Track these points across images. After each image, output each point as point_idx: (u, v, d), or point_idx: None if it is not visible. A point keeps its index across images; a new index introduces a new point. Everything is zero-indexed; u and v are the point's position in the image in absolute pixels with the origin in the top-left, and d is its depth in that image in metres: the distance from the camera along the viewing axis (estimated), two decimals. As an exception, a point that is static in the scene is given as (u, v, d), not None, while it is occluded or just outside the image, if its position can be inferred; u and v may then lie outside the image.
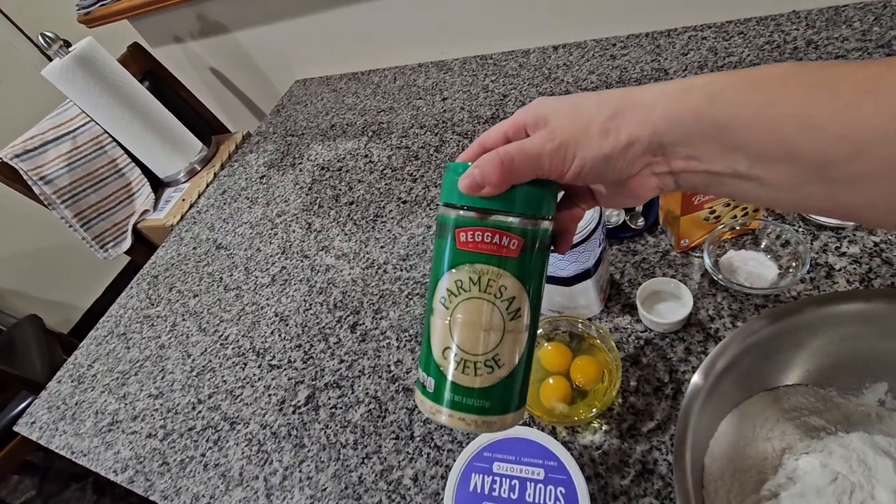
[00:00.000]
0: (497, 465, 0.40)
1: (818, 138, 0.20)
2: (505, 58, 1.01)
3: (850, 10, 0.74)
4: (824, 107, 0.20)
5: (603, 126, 0.25)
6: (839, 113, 0.20)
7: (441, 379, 0.28)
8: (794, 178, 0.22)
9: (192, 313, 0.81)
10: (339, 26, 1.14)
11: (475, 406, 0.27)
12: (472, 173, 0.25)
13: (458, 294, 0.27)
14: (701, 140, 0.23)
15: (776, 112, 0.21)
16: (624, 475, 0.44)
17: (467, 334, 0.27)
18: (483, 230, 0.26)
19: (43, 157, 1.10)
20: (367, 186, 0.88)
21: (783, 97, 0.21)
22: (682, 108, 0.23)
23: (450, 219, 0.28)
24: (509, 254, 0.27)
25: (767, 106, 0.21)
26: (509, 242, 0.27)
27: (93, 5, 1.22)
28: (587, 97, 0.26)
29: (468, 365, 0.27)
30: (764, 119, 0.21)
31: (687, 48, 0.81)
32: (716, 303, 0.51)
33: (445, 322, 0.28)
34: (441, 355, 0.28)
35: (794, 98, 0.21)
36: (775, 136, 0.21)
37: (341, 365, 0.63)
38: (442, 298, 0.28)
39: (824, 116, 0.20)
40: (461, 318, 0.27)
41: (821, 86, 0.21)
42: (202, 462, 0.60)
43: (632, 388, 0.49)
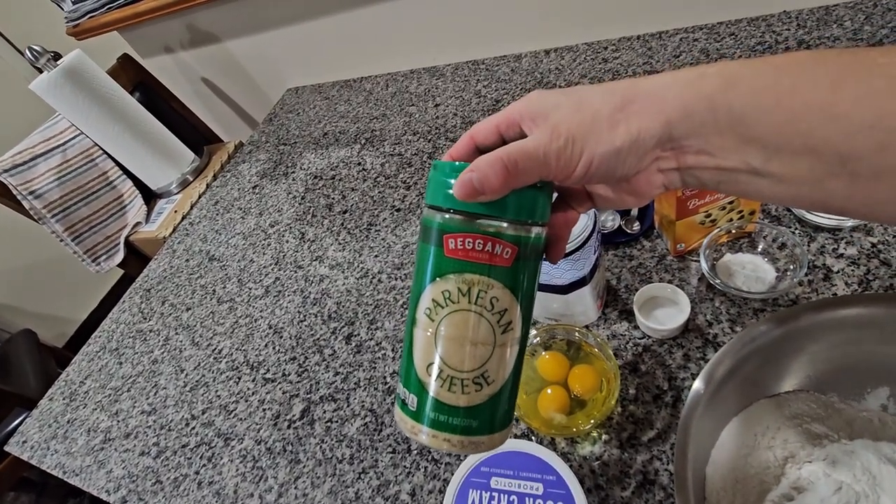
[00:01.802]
0: (495, 481, 0.39)
1: (843, 129, 0.18)
2: (497, 62, 1.01)
3: (841, 10, 0.73)
4: (850, 94, 0.18)
5: (611, 118, 0.22)
6: (866, 101, 0.18)
7: (423, 396, 0.25)
8: (814, 173, 0.20)
9: (184, 327, 0.79)
10: (331, 34, 1.14)
11: (460, 426, 0.25)
12: (470, 178, 0.23)
13: (444, 305, 0.25)
14: (715, 131, 0.21)
15: (797, 101, 0.19)
16: (625, 486, 0.43)
17: (453, 349, 0.25)
18: (474, 237, 0.24)
19: (32, 171, 1.09)
20: (360, 195, 0.87)
21: (805, 84, 0.19)
22: (695, 95, 0.21)
23: (436, 223, 0.25)
24: (502, 263, 0.25)
25: (788, 94, 0.19)
26: (502, 251, 0.25)
27: (81, 18, 1.21)
28: (590, 89, 0.24)
29: (454, 382, 0.25)
30: (784, 108, 0.20)
31: (679, 50, 0.81)
32: (714, 307, 0.51)
33: (429, 335, 0.25)
34: (424, 370, 0.26)
35: (817, 85, 0.19)
36: (796, 127, 0.19)
37: (336, 377, 0.62)
38: (426, 310, 0.26)
39: (850, 105, 0.18)
40: (447, 332, 0.25)
41: (846, 72, 0.19)
42: (196, 480, 0.59)
43: (631, 397, 0.48)
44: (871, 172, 0.19)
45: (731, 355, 0.37)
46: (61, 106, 1.04)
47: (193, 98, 1.49)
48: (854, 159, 0.19)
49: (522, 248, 0.25)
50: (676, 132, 0.22)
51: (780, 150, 0.20)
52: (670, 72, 0.23)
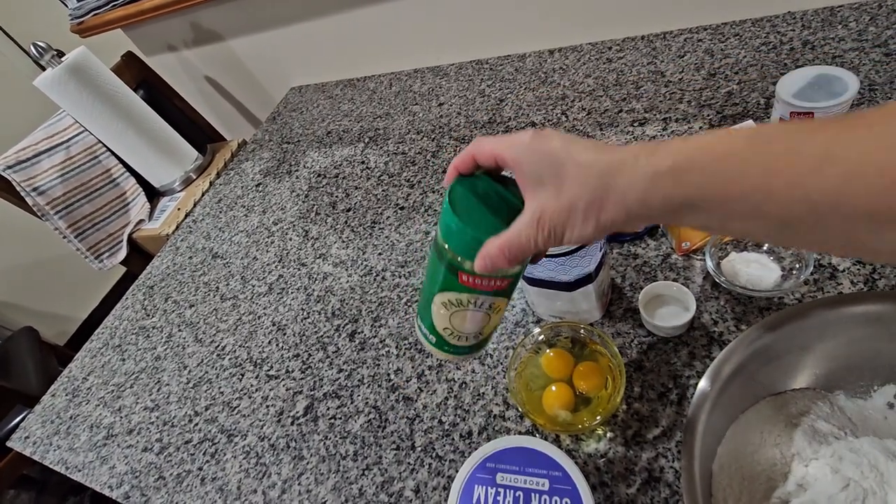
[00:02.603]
0: (500, 477, 0.39)
1: (783, 204, 0.22)
2: (501, 62, 1.01)
3: (846, 11, 0.74)
4: (785, 176, 0.22)
5: (585, 212, 0.28)
6: (799, 181, 0.22)
7: (440, 340, 0.38)
8: (765, 231, 0.25)
9: (188, 324, 0.79)
10: (334, 33, 1.14)
11: (462, 353, 0.39)
12: (485, 264, 0.30)
13: (456, 305, 0.35)
14: (673, 213, 0.26)
15: (741, 187, 0.23)
16: (630, 483, 0.43)
17: (461, 324, 0.36)
18: (481, 277, 0.32)
19: (36, 167, 1.09)
20: (364, 193, 0.87)
21: (747, 172, 0.23)
22: (652, 193, 0.26)
23: (453, 261, 0.32)
24: (499, 287, 0.34)
25: (733, 182, 0.23)
26: (500, 283, 0.33)
27: (86, 15, 1.21)
28: (571, 166, 0.28)
29: (460, 337, 0.37)
30: (731, 194, 0.24)
31: (683, 50, 0.81)
32: (719, 306, 0.51)
33: (444, 313, 0.35)
34: (441, 329, 0.37)
35: (757, 172, 0.23)
36: (742, 205, 0.24)
37: (340, 374, 0.62)
38: (441, 303, 0.35)
39: (785, 186, 0.22)
40: (457, 317, 0.35)
41: (783, 155, 0.22)
42: (199, 476, 0.59)
43: (636, 394, 0.48)
44: (808, 233, 0.23)
45: (737, 353, 0.37)
46: (65, 103, 1.04)
47: (197, 96, 1.49)
48: (794, 225, 0.23)
49: (515, 278, 0.34)
50: (639, 216, 0.27)
51: (732, 217, 0.25)
52: (633, 156, 0.26)
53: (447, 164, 0.84)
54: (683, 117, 0.71)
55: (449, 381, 0.56)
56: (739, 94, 0.70)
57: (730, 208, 0.24)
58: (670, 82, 0.77)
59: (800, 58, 0.70)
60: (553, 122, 0.81)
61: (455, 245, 0.31)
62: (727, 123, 0.67)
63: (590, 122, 0.77)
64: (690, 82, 0.75)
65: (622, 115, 0.76)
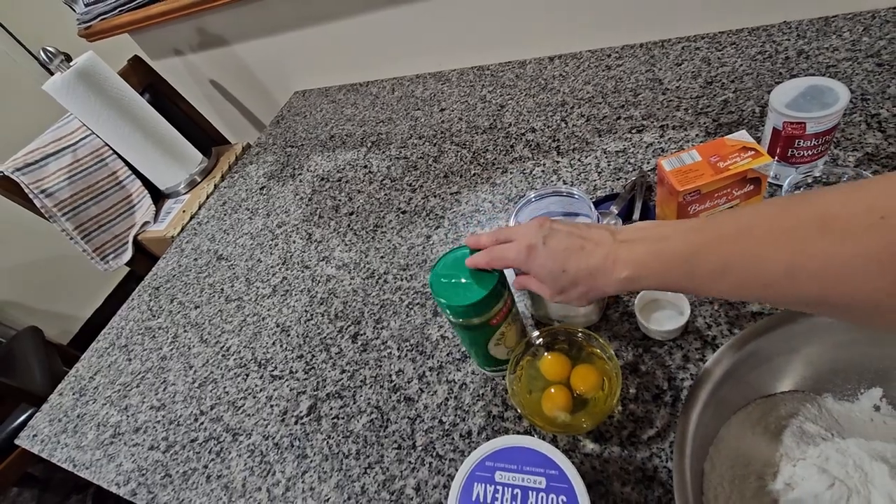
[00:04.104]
0: (499, 475, 0.40)
1: (761, 279, 0.29)
2: (502, 68, 1.02)
3: (840, 21, 0.75)
4: (699, 282, 0.32)
5: (579, 300, 0.40)
6: (706, 287, 0.32)
7: (507, 362, 0.51)
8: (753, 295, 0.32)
9: (193, 324, 0.81)
10: (338, 38, 1.16)
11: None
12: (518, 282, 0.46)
13: (500, 336, 0.50)
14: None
15: (680, 286, 0.33)
16: (625, 483, 0.44)
17: (511, 342, 0.52)
18: (500, 311, 0.47)
19: (44, 170, 1.11)
20: (366, 197, 0.88)
21: (682, 276, 0.32)
22: (623, 289, 0.36)
23: (483, 321, 0.46)
24: (510, 306, 0.48)
25: (674, 283, 0.33)
26: (508, 303, 0.48)
27: (93, 20, 1.23)
28: (569, 267, 0.38)
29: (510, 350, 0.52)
30: (676, 287, 0.34)
31: (681, 58, 0.83)
32: (713, 310, 0.52)
33: (500, 347, 0.51)
34: (506, 355, 0.52)
35: (686, 279, 0.32)
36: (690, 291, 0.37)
37: (343, 375, 0.63)
38: (495, 343, 0.50)
39: (701, 288, 0.32)
40: (505, 341, 0.51)
41: (694, 270, 0.31)
42: (205, 474, 0.60)
43: (631, 396, 0.49)
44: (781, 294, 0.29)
45: (728, 356, 0.39)
46: (73, 106, 1.06)
47: (202, 100, 1.51)
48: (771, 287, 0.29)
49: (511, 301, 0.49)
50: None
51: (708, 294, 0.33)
52: (612, 263, 0.36)
53: (448, 168, 0.85)
54: (680, 125, 0.72)
55: (449, 382, 0.57)
56: (735, 103, 0.71)
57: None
58: (668, 90, 0.78)
59: (794, 67, 0.72)
60: (553, 129, 0.82)
61: (476, 314, 0.45)
62: (723, 131, 0.68)
63: (588, 129, 0.79)
64: (687, 90, 0.77)
65: (620, 121, 0.77)
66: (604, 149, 0.74)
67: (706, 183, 0.48)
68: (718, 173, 0.48)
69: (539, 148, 0.80)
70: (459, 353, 0.60)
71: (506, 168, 0.80)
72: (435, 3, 1.00)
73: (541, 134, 0.83)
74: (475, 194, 0.78)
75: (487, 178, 0.80)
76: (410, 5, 1.02)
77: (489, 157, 0.83)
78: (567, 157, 0.76)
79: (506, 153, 0.83)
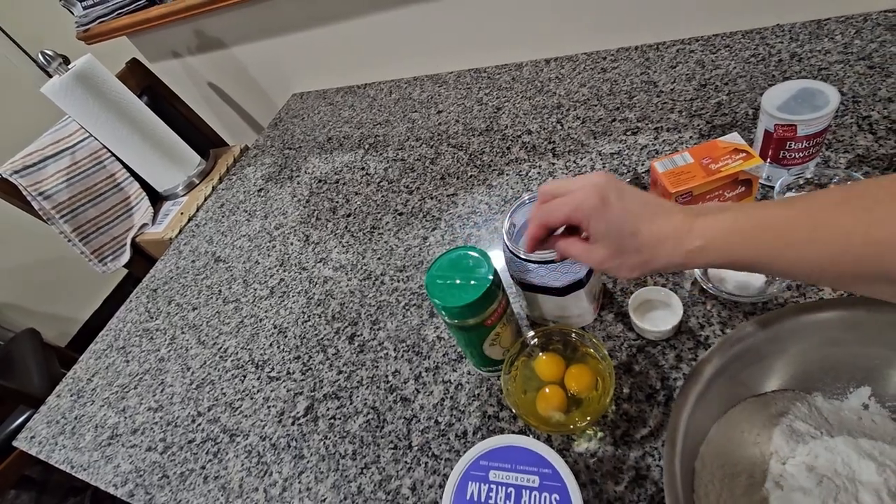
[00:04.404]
0: (493, 474, 0.41)
1: (782, 271, 0.32)
2: (498, 71, 1.03)
3: (832, 24, 0.76)
4: (777, 251, 0.31)
5: (631, 269, 0.37)
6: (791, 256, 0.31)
7: (501, 361, 0.52)
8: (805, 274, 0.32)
9: (191, 326, 0.81)
10: (336, 41, 1.16)
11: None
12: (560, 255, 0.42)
13: (495, 336, 0.51)
14: None
15: (749, 259, 0.32)
16: (618, 481, 0.45)
17: (506, 342, 0.53)
18: (494, 312, 0.47)
19: (42, 172, 1.11)
20: (363, 199, 0.89)
21: (752, 247, 0.32)
22: (687, 263, 0.35)
23: (476, 321, 0.47)
24: (504, 307, 0.49)
25: (743, 255, 0.32)
26: (503, 304, 0.49)
27: (91, 23, 1.24)
28: (626, 239, 0.35)
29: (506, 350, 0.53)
30: (744, 263, 0.33)
31: (675, 61, 0.83)
32: (706, 311, 0.53)
33: (494, 347, 0.52)
34: (501, 356, 0.53)
35: (756, 248, 0.32)
36: (755, 269, 0.33)
37: (339, 376, 0.64)
38: (490, 343, 0.51)
39: (779, 259, 0.31)
40: (501, 341, 0.52)
41: (774, 235, 0.31)
42: (202, 475, 0.61)
43: (625, 396, 0.50)
44: None
45: (719, 355, 0.39)
46: (71, 109, 1.06)
47: (200, 102, 1.52)
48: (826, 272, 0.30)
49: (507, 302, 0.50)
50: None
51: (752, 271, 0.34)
52: (678, 234, 0.34)
53: (445, 170, 0.86)
54: (674, 127, 0.73)
55: (445, 382, 0.58)
56: (728, 105, 0.72)
57: (748, 268, 0.33)
58: (662, 92, 0.79)
59: (787, 69, 0.73)
60: (548, 131, 0.83)
61: (471, 315, 0.46)
62: (716, 133, 0.69)
63: (584, 131, 0.79)
64: (682, 93, 0.77)
65: (615, 123, 0.78)
66: (599, 151, 0.75)
67: (698, 185, 0.49)
68: (710, 175, 0.49)
69: (535, 150, 0.81)
70: (455, 353, 0.60)
71: (502, 170, 0.80)
72: (432, 6, 1.00)
73: (537, 136, 0.83)
74: (472, 196, 0.79)
75: (484, 179, 0.81)
76: (408, 8, 1.02)
77: (486, 159, 0.84)
78: (563, 159, 0.77)
79: (502, 155, 0.83)
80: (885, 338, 0.38)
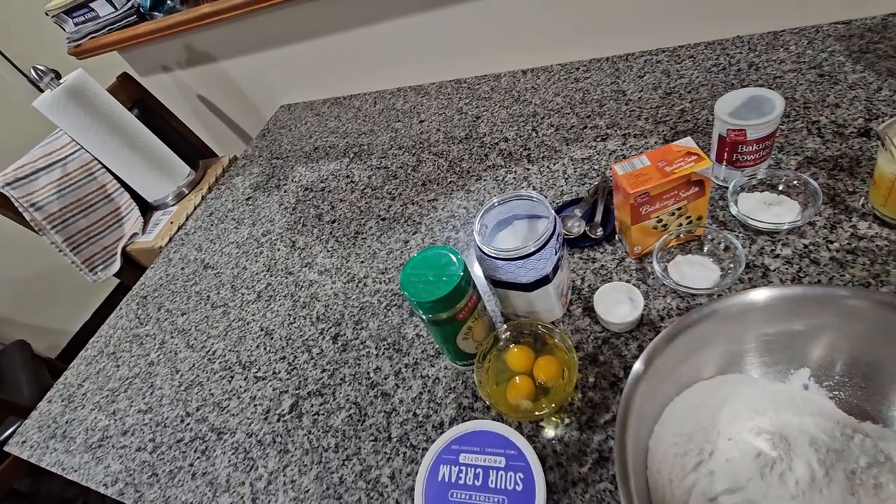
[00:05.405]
0: (463, 457, 0.44)
1: None
2: (478, 81, 1.07)
3: (788, 35, 0.81)
4: None
5: None
6: None
7: (475, 355, 0.55)
8: None
9: (180, 331, 0.83)
10: (322, 54, 1.20)
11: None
12: None
13: (467, 330, 0.53)
14: None
15: None
16: (582, 463, 0.48)
17: (479, 336, 0.56)
18: (466, 306, 0.51)
19: (34, 184, 1.14)
20: (348, 205, 0.92)
21: None
22: None
23: (449, 316, 0.50)
24: (475, 302, 0.52)
25: None
26: (473, 299, 0.52)
27: (83, 39, 1.27)
28: None
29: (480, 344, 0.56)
30: None
31: (643, 71, 0.88)
32: (665, 303, 0.56)
33: (468, 341, 0.55)
34: (474, 349, 0.56)
35: None
36: None
37: (323, 374, 0.66)
38: (463, 337, 0.53)
39: None
40: (474, 334, 0.55)
41: None
42: (190, 471, 0.63)
43: (590, 384, 0.53)
44: None
45: (667, 341, 0.43)
46: (63, 122, 1.09)
47: (190, 114, 1.55)
48: None
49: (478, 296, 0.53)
50: None
51: None
52: None
53: (426, 177, 0.89)
54: (641, 133, 0.77)
55: (423, 377, 0.61)
56: (691, 112, 0.76)
57: None
58: (630, 100, 0.83)
59: (745, 78, 0.77)
60: (524, 138, 0.87)
61: (442, 309, 0.49)
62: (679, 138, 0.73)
63: (557, 138, 0.83)
64: (648, 100, 0.82)
65: (586, 130, 0.82)
66: (571, 156, 0.79)
67: (654, 186, 0.52)
68: (665, 177, 0.52)
69: (511, 156, 0.85)
70: (433, 349, 0.63)
71: (480, 176, 0.84)
72: (416, 20, 1.04)
73: (513, 143, 0.87)
74: (451, 201, 0.82)
75: (462, 185, 0.84)
76: (393, 21, 1.07)
77: (465, 166, 0.87)
78: (537, 165, 0.80)
79: (480, 161, 0.87)
80: (820, 322, 0.42)
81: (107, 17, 1.22)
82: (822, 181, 0.60)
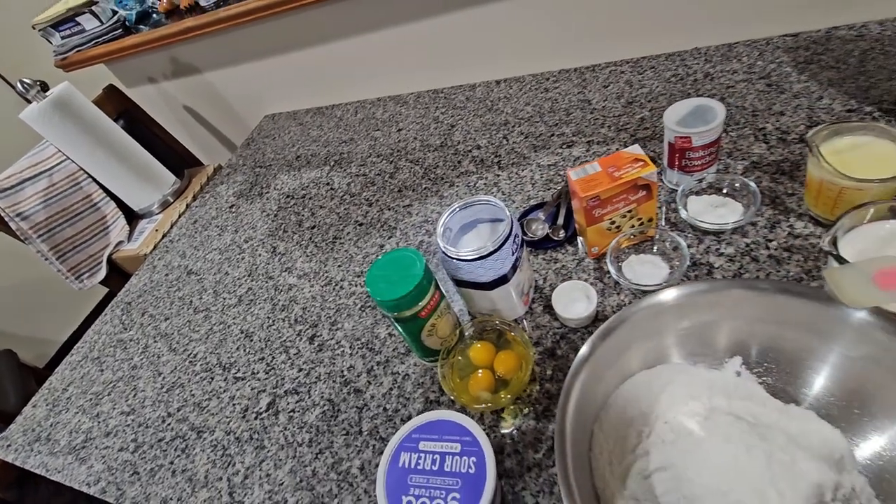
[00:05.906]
0: (423, 444, 0.47)
1: None
2: (454, 91, 1.11)
3: (741, 47, 0.85)
4: None
5: None
6: None
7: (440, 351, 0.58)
8: None
9: (163, 335, 0.86)
10: (305, 65, 1.24)
11: None
12: None
13: (431, 327, 0.56)
14: None
15: None
16: (538, 450, 0.51)
17: (444, 332, 0.59)
18: (428, 304, 0.54)
19: (20, 194, 1.16)
20: (327, 212, 0.95)
21: None
22: None
23: (413, 313, 0.53)
24: (437, 300, 0.55)
25: None
26: (435, 298, 0.55)
27: (69, 51, 1.29)
28: None
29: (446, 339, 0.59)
30: None
31: (608, 81, 0.92)
32: (619, 300, 0.60)
33: (432, 338, 0.58)
34: (440, 345, 0.59)
35: None
36: None
37: (300, 373, 0.69)
38: (427, 333, 0.57)
39: None
40: (438, 331, 0.58)
41: None
42: (170, 469, 0.65)
43: (548, 377, 0.56)
44: None
45: (610, 331, 0.46)
46: (50, 134, 1.11)
47: (175, 125, 1.57)
48: None
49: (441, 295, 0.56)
50: None
51: None
52: None
53: (402, 183, 0.93)
54: (604, 140, 0.81)
55: (394, 374, 0.64)
56: (650, 120, 0.80)
57: None
58: (595, 109, 0.87)
59: (701, 88, 0.81)
60: (495, 146, 0.90)
61: (406, 307, 0.52)
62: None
63: (526, 145, 0.87)
64: (612, 109, 0.86)
65: (554, 138, 0.86)
66: (538, 163, 0.83)
67: (604, 190, 0.56)
68: (614, 181, 0.56)
69: (483, 163, 0.88)
70: (404, 348, 0.66)
71: (453, 182, 0.88)
72: (395, 31, 1.08)
73: (485, 150, 0.91)
74: (425, 206, 0.86)
75: (437, 191, 0.87)
76: (374, 34, 1.10)
77: (439, 173, 0.91)
78: (507, 171, 0.84)
79: (454, 168, 0.90)
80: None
81: (93, 30, 1.25)
82: (766, 184, 0.64)
